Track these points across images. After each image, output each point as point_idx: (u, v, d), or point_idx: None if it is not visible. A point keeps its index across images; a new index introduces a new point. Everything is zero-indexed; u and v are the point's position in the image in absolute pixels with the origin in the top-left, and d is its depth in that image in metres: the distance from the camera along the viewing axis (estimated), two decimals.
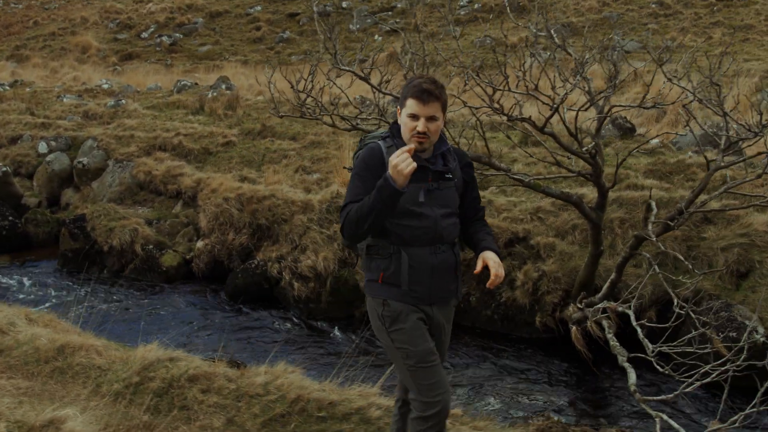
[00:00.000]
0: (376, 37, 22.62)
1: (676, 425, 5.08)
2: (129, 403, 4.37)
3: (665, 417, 5.14)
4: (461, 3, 23.66)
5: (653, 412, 5.15)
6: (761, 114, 5.24)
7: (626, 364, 5.69)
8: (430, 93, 3.21)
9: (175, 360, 4.75)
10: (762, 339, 6.54)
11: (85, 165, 11.75)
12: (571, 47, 6.51)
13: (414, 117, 3.25)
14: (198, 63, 22.26)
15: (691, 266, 5.90)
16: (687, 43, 19.82)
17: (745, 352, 5.15)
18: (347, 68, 6.30)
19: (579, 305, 6.94)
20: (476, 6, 23.36)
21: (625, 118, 10.81)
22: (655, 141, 10.33)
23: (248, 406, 4.29)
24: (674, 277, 6.17)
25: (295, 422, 4.13)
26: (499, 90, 5.54)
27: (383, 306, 3.35)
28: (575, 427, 4.18)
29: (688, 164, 9.14)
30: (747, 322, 6.65)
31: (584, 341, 6.85)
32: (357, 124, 7.13)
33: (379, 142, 3.39)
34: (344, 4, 24.62)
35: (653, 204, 6.21)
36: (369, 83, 6.40)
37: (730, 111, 6.37)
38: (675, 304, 5.60)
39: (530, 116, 5.83)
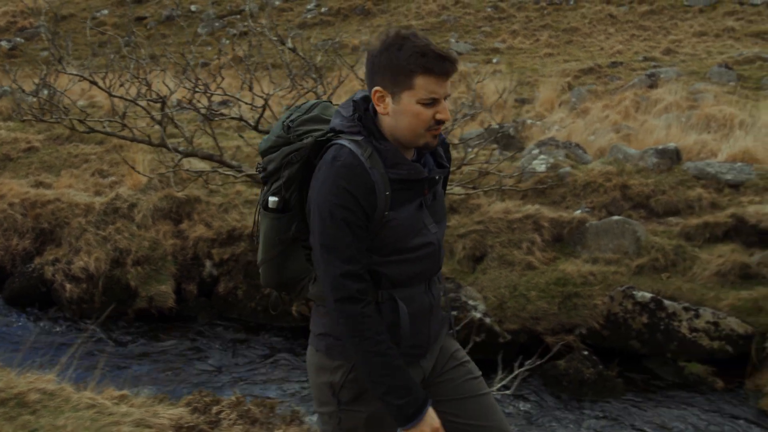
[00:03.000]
0: (224, 40, 22.74)
1: None
2: None
3: None
4: (308, 7, 24.06)
5: None
6: None
7: None
8: (450, 60, 2.11)
9: None
10: (479, 316, 7.22)
11: None
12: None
13: (432, 102, 2.12)
14: (38, 68, 21.76)
15: None
16: (516, 45, 20.92)
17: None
18: (75, 72, 6.53)
19: None
20: (323, 9, 23.81)
21: None
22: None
23: None
24: None
25: None
26: (198, 91, 5.91)
27: (346, 374, 2.26)
28: (228, 400, 4.56)
29: (455, 158, 9.81)
30: (470, 302, 7.30)
31: None
32: (105, 126, 7.37)
33: (351, 148, 2.13)
34: (193, 8, 24.61)
35: None
36: (99, 86, 6.65)
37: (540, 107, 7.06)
38: None
39: (241, 116, 6.22)
